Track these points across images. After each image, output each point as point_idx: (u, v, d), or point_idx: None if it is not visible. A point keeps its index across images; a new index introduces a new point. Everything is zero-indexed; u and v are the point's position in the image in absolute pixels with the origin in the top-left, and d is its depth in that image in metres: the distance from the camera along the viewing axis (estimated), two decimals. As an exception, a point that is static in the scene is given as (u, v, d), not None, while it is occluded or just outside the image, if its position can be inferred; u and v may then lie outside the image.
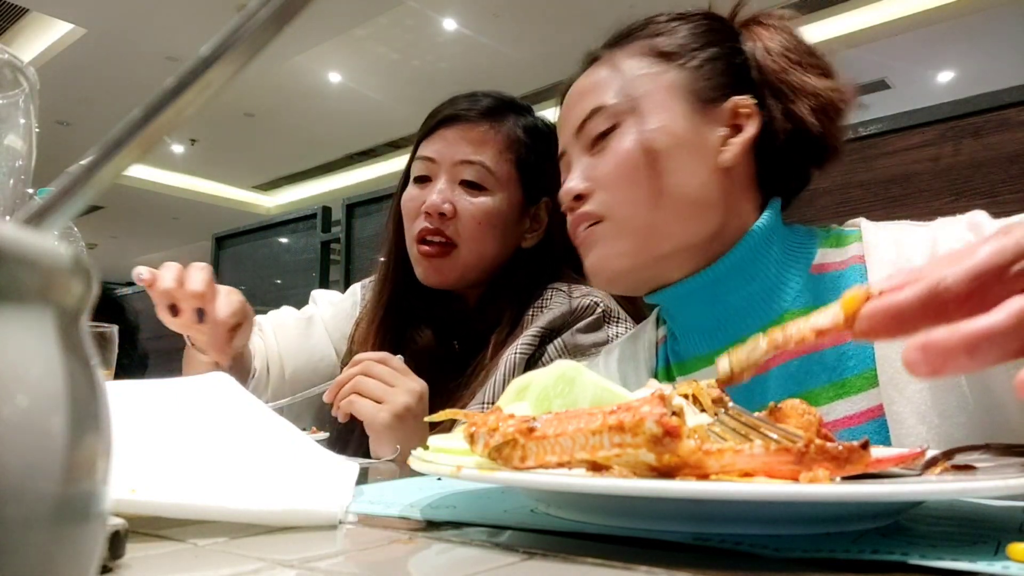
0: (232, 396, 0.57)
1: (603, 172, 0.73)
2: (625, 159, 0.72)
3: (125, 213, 9.27)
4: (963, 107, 1.23)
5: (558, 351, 0.99)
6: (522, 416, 0.38)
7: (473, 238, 1.04)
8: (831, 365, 0.66)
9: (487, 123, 1.06)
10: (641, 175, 0.71)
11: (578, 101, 0.76)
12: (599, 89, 0.75)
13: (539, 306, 1.04)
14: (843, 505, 0.35)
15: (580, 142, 0.76)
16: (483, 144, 1.05)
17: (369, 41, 5.95)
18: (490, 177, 1.05)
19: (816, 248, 0.73)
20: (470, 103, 1.08)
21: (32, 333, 0.14)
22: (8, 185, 0.48)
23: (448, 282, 1.06)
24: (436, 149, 1.07)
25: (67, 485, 0.14)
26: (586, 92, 0.76)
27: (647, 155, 0.71)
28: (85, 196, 0.16)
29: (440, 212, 1.03)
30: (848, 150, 1.32)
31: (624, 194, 0.72)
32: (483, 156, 1.05)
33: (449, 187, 1.05)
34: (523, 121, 1.10)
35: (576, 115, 0.76)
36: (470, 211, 1.04)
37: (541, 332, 0.99)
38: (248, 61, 0.17)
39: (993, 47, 5.77)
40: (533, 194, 1.09)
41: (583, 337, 1.00)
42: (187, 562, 0.34)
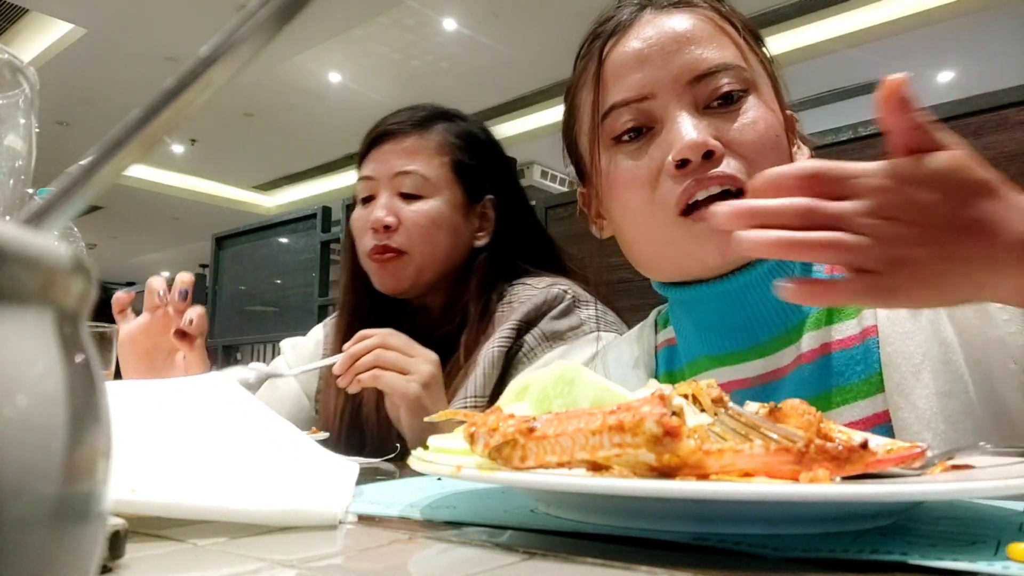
0: (232, 396, 0.57)
1: (742, 138, 0.65)
2: (766, 132, 0.66)
3: (125, 213, 9.27)
4: (963, 107, 1.23)
5: (537, 340, 1.02)
6: (522, 416, 0.38)
7: (421, 242, 1.08)
8: (838, 370, 0.66)
9: (416, 133, 1.11)
10: (778, 155, 0.67)
11: (687, 46, 0.67)
12: (718, 43, 0.68)
13: (508, 302, 1.07)
14: (843, 505, 0.35)
15: (691, 94, 0.66)
16: (415, 153, 1.10)
17: (369, 41, 5.95)
18: (427, 184, 1.09)
19: None
20: (401, 116, 1.13)
21: (32, 333, 0.14)
22: (8, 185, 0.48)
23: (404, 287, 1.09)
24: (373, 167, 1.12)
25: (67, 485, 0.14)
26: (698, 40, 0.68)
27: (778, 137, 0.67)
28: (85, 196, 0.16)
29: (385, 225, 1.07)
30: (848, 150, 1.32)
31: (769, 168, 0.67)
32: (416, 164, 1.09)
33: (390, 200, 1.09)
34: (454, 127, 1.14)
35: (690, 62, 0.67)
36: (413, 219, 1.08)
37: (518, 325, 1.02)
38: (248, 61, 0.17)
39: (993, 47, 5.77)
40: (475, 193, 1.13)
41: (558, 323, 1.03)
42: (187, 562, 0.34)
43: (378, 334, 0.91)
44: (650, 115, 0.68)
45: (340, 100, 6.88)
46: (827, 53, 5.82)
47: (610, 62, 0.70)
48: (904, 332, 0.63)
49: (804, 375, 0.67)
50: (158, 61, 6.02)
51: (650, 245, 0.70)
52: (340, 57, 6.24)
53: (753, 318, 0.69)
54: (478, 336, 1.05)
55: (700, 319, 0.73)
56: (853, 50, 5.78)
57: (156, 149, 2.31)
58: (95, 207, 8.81)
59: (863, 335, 0.66)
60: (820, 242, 0.43)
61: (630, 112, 0.68)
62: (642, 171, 0.67)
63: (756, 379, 0.70)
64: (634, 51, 0.69)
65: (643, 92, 0.67)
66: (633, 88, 0.68)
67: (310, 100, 6.91)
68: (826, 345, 0.67)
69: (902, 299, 0.45)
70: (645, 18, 0.70)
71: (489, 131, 1.21)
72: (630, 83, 0.68)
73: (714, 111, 0.66)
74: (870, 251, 0.43)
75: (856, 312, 0.68)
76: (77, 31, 5.76)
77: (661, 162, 0.66)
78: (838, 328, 0.67)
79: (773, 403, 0.44)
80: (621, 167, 0.69)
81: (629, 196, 0.69)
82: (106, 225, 9.81)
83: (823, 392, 0.66)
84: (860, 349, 0.66)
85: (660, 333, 0.84)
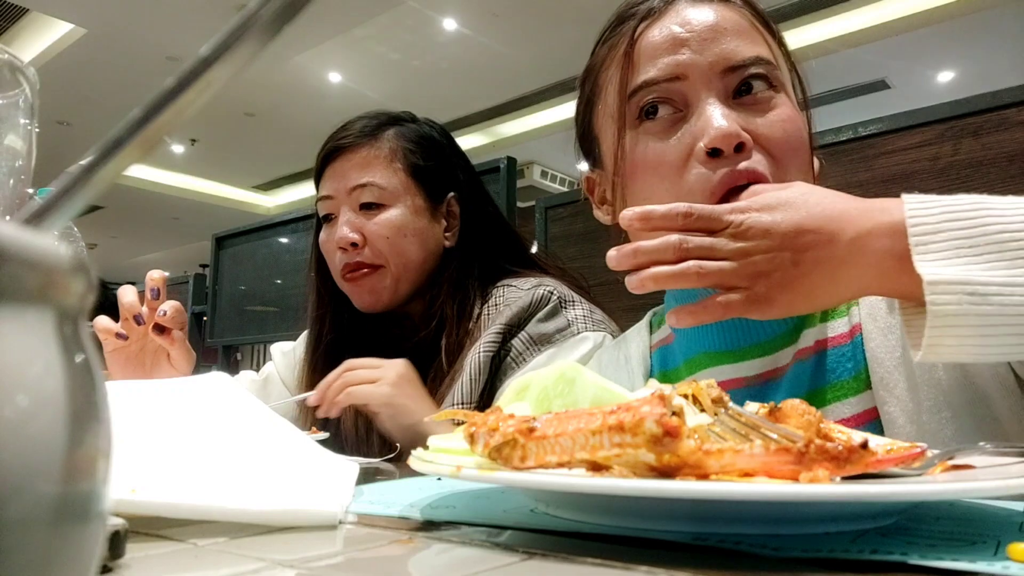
0: (232, 396, 0.57)
1: (771, 135, 0.65)
2: (794, 132, 0.66)
3: (125, 213, 9.27)
4: (962, 107, 1.23)
5: (524, 343, 1.01)
6: (522, 416, 0.38)
7: (391, 253, 1.07)
8: (831, 367, 0.66)
9: (367, 143, 1.09)
10: (802, 156, 0.66)
11: (722, 36, 0.67)
12: (752, 39, 0.68)
13: (493, 305, 1.06)
14: (843, 505, 0.35)
15: (723, 82, 0.66)
16: (368, 164, 1.08)
17: (369, 41, 5.95)
18: (384, 193, 1.07)
19: None
20: (347, 131, 1.12)
21: (32, 333, 0.14)
22: (8, 185, 0.48)
23: (385, 300, 1.08)
24: (329, 186, 1.11)
25: (67, 485, 0.14)
26: (733, 32, 0.67)
27: (804, 139, 0.67)
28: (85, 196, 0.16)
29: (351, 243, 1.06)
30: (848, 150, 1.33)
31: (794, 170, 0.65)
32: (371, 175, 1.08)
33: (352, 216, 1.08)
34: (404, 131, 1.12)
35: (726, 51, 0.66)
36: (377, 231, 1.07)
37: (503, 328, 1.01)
38: (248, 61, 0.17)
39: (993, 47, 5.77)
40: (436, 194, 1.12)
41: (545, 325, 1.02)
42: (187, 562, 0.34)
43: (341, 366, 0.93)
44: (681, 96, 0.67)
45: (340, 100, 6.88)
46: (827, 53, 5.82)
47: (642, 42, 0.70)
48: (885, 327, 0.64)
49: (800, 372, 0.68)
50: (158, 61, 6.02)
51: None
52: (340, 57, 6.24)
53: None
54: (460, 338, 1.04)
55: None
56: (853, 50, 5.78)
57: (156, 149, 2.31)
58: (95, 207, 8.81)
59: (851, 333, 0.67)
60: (689, 271, 0.51)
61: (660, 90, 0.67)
62: (671, 154, 0.66)
63: (755, 378, 0.70)
64: (670, 34, 0.68)
65: (675, 72, 0.66)
66: (666, 68, 0.67)
67: (310, 100, 6.91)
68: (821, 342, 0.68)
69: (778, 307, 0.52)
70: (680, 5, 0.70)
71: (443, 128, 1.19)
72: (663, 64, 0.67)
73: (744, 102, 0.66)
74: (734, 271, 0.51)
75: (846, 308, 0.68)
76: (77, 31, 5.76)
77: (691, 147, 0.65)
78: (832, 326, 0.68)
79: (773, 403, 0.45)
80: (649, 147, 0.68)
81: (655, 180, 0.67)
82: (106, 225, 9.81)
83: (818, 388, 0.66)
84: (849, 347, 0.67)
85: (655, 334, 0.84)
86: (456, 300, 1.07)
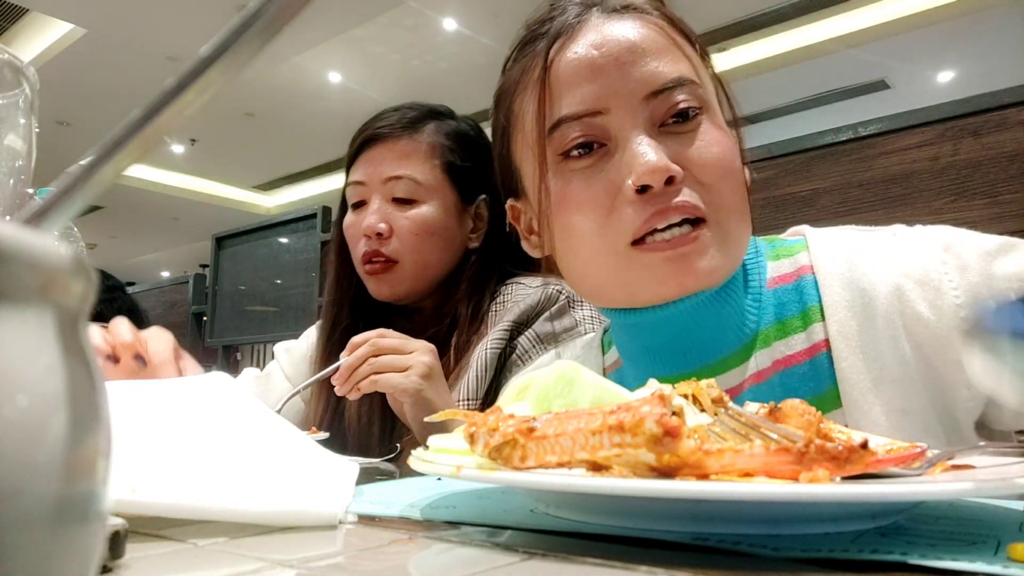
0: (232, 396, 0.57)
1: (701, 162, 0.61)
2: (723, 156, 0.62)
3: (125, 213, 9.27)
4: (962, 107, 1.23)
5: (531, 341, 1.01)
6: (522, 416, 0.38)
7: (414, 250, 1.06)
8: (792, 387, 0.64)
9: (407, 135, 1.08)
10: (734, 179, 0.63)
11: (642, 57, 0.63)
12: (672, 56, 0.64)
13: (502, 302, 1.06)
14: (843, 505, 0.35)
15: (647, 110, 0.62)
16: (407, 157, 1.07)
17: (369, 41, 5.95)
18: (419, 188, 1.07)
19: (765, 262, 0.70)
20: (387, 119, 1.10)
21: (32, 333, 0.14)
22: (8, 185, 0.48)
23: (399, 294, 1.08)
24: (363, 172, 1.09)
25: (67, 485, 0.14)
26: (652, 52, 0.63)
27: (735, 161, 0.64)
28: (85, 196, 0.16)
29: (377, 232, 1.05)
30: (848, 150, 1.33)
31: (728, 196, 0.62)
32: (409, 169, 1.06)
33: (382, 206, 1.07)
34: (444, 127, 1.12)
35: (647, 75, 0.62)
36: (406, 226, 1.06)
37: (511, 326, 1.01)
38: (248, 61, 0.17)
39: (993, 47, 5.77)
40: (468, 195, 1.11)
41: (552, 324, 1.02)
42: (187, 562, 0.34)
43: (369, 340, 0.89)
44: (603, 131, 0.63)
45: (340, 100, 6.88)
46: (827, 53, 5.82)
47: (557, 68, 0.65)
48: (857, 347, 0.61)
49: (758, 395, 0.65)
50: (158, 61, 6.02)
51: (600, 271, 0.65)
52: (340, 57, 6.24)
53: (703, 340, 0.66)
54: (469, 337, 1.04)
55: (648, 343, 0.69)
56: (853, 50, 5.79)
57: (156, 149, 2.30)
58: (95, 207, 8.82)
59: (812, 350, 0.64)
60: None
61: (581, 126, 0.63)
62: (597, 193, 0.63)
63: None
64: (586, 59, 0.63)
65: (596, 106, 0.63)
66: (585, 101, 0.63)
67: (310, 100, 6.91)
68: (777, 362, 0.65)
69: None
70: (593, 21, 0.65)
71: (480, 128, 1.18)
72: (582, 95, 0.63)
73: (670, 129, 0.63)
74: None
75: (804, 325, 0.65)
76: (77, 31, 5.76)
77: (618, 185, 0.62)
78: (787, 343, 0.65)
79: (773, 403, 0.45)
80: (573, 187, 0.64)
81: (580, 219, 0.64)
82: (106, 225, 9.81)
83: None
84: (807, 365, 0.64)
85: (607, 355, 0.80)
86: (472, 300, 1.07)
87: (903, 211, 1.24)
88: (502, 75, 0.75)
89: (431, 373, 0.89)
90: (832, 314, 0.63)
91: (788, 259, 0.70)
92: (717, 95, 0.68)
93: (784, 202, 1.49)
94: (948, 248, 0.62)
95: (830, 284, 0.64)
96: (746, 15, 5.63)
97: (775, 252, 0.71)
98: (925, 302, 0.60)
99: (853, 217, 1.28)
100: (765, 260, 0.70)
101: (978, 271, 0.60)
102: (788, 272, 0.69)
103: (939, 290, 0.60)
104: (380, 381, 0.88)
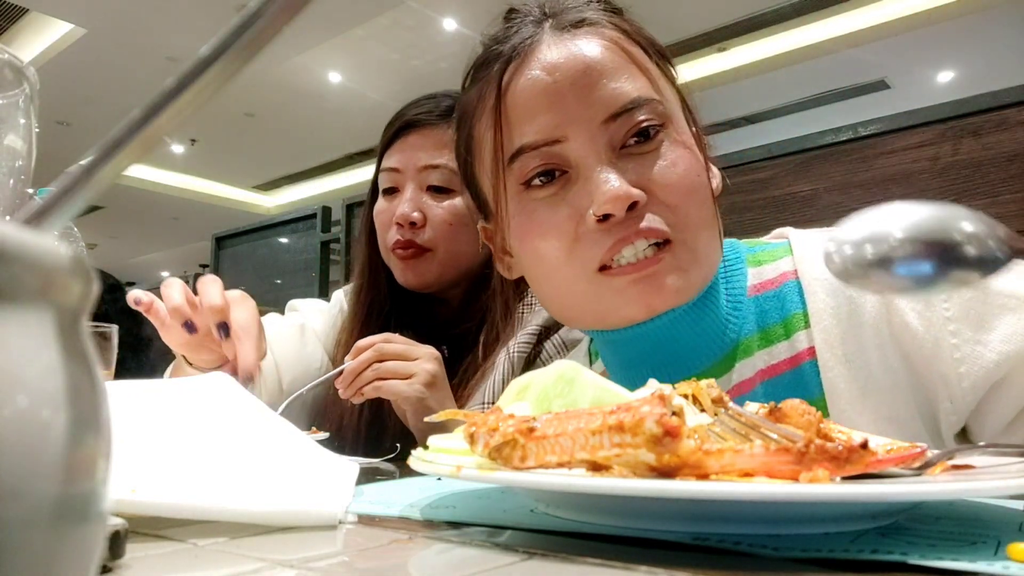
0: (232, 396, 0.57)
1: (665, 182, 0.61)
2: (687, 173, 0.61)
3: (125, 213, 9.27)
4: (962, 107, 1.23)
5: (556, 347, 1.00)
6: (522, 416, 0.38)
7: (447, 240, 1.05)
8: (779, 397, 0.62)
9: (446, 124, 1.05)
10: (699, 195, 0.62)
11: (598, 79, 0.61)
12: (629, 73, 0.62)
13: (529, 303, 1.05)
14: (843, 505, 0.35)
15: (606, 134, 0.61)
16: (445, 146, 1.05)
17: (369, 41, 5.95)
18: (456, 178, 1.03)
19: (746, 269, 0.69)
20: (426, 106, 1.08)
21: (32, 333, 0.14)
22: (8, 185, 0.48)
23: (427, 282, 1.07)
24: (399, 158, 1.07)
25: (67, 485, 0.14)
26: (609, 72, 0.62)
27: (699, 176, 0.62)
28: (85, 196, 0.16)
29: (411, 221, 1.04)
30: (848, 150, 1.33)
31: (694, 214, 0.61)
32: (446, 158, 1.04)
33: (417, 195, 1.06)
34: None
35: (604, 99, 0.61)
36: (440, 216, 1.05)
37: (538, 330, 1.00)
38: (248, 61, 0.17)
39: (993, 47, 5.77)
40: None
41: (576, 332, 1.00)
42: (187, 562, 0.34)
43: (374, 345, 0.89)
44: (563, 159, 0.62)
45: (340, 100, 6.88)
46: (827, 53, 5.82)
47: (513, 95, 0.64)
48: (843, 355, 0.61)
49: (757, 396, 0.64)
50: (158, 61, 6.02)
51: (568, 297, 0.65)
52: (340, 57, 6.24)
53: (682, 353, 0.66)
54: (499, 335, 1.03)
55: (625, 358, 0.69)
56: (853, 50, 5.79)
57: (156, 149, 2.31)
58: (95, 207, 8.82)
59: (795, 360, 0.64)
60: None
61: (540, 156, 0.63)
62: (561, 222, 0.62)
63: None
64: (541, 85, 0.62)
65: (554, 135, 0.62)
66: (543, 130, 0.62)
67: (310, 100, 6.91)
68: (762, 372, 0.65)
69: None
70: (546, 40, 0.64)
71: None
72: (539, 125, 0.62)
73: (631, 151, 0.62)
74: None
75: (787, 334, 0.65)
76: (77, 31, 5.76)
77: (581, 213, 0.61)
78: (771, 352, 0.65)
79: (773, 403, 0.45)
80: (538, 215, 0.64)
81: (546, 247, 0.63)
82: (106, 225, 9.81)
83: None
84: (791, 375, 0.63)
85: (594, 365, 0.80)
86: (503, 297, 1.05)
87: (903, 211, 1.23)
88: (461, 94, 0.74)
89: (434, 381, 0.89)
90: (817, 322, 0.62)
91: (770, 264, 0.69)
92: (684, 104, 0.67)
93: (784, 202, 1.49)
94: None
95: (815, 290, 0.63)
96: (746, 15, 5.63)
97: (756, 257, 0.70)
98: (914, 312, 0.60)
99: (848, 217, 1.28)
100: (746, 267, 0.69)
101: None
102: (770, 279, 0.68)
103: (929, 302, 0.59)
104: (383, 387, 0.87)
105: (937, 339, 0.58)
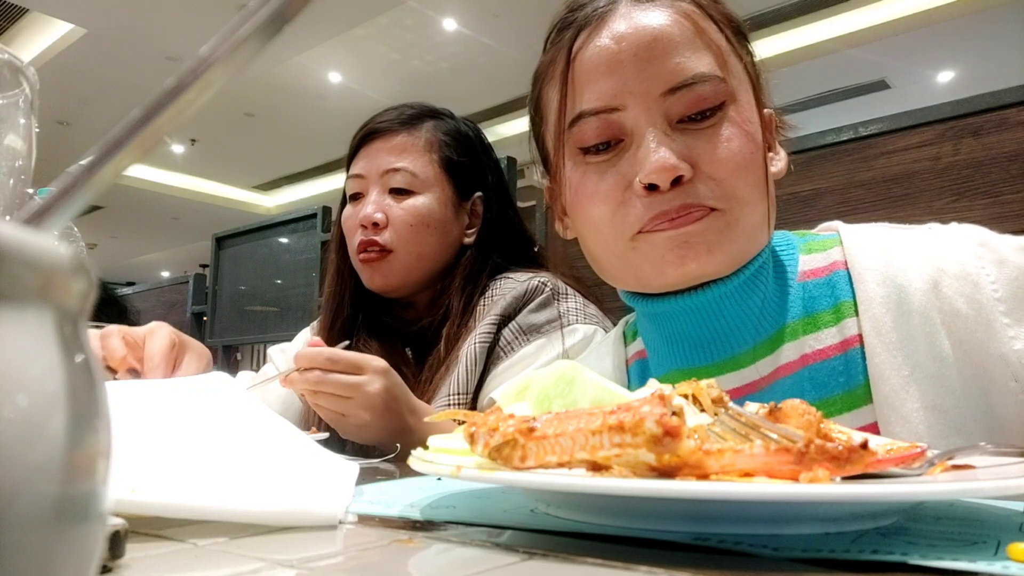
0: (232, 396, 0.57)
1: (716, 158, 0.62)
2: (741, 151, 0.62)
3: (125, 213, 9.28)
4: (963, 107, 1.23)
5: (514, 333, 1.02)
6: (522, 416, 0.38)
7: (409, 240, 1.08)
8: (820, 381, 0.64)
9: (405, 130, 1.11)
10: (751, 173, 0.63)
11: (662, 51, 0.62)
12: (695, 48, 0.63)
13: (490, 296, 1.07)
14: (843, 505, 0.35)
15: (663, 106, 0.62)
16: (404, 150, 1.10)
17: (369, 41, 5.95)
18: (416, 180, 1.09)
19: (797, 255, 0.70)
20: (389, 115, 1.14)
21: (32, 333, 0.14)
22: (8, 185, 0.48)
23: (393, 285, 1.09)
24: (363, 165, 1.12)
25: (67, 485, 0.14)
26: (675, 45, 0.63)
27: (753, 155, 0.63)
28: (85, 196, 0.16)
29: (373, 222, 1.07)
30: (848, 150, 1.33)
31: (742, 189, 0.62)
32: (406, 161, 1.09)
33: (380, 197, 1.09)
34: (442, 125, 1.14)
35: (665, 72, 0.62)
36: (401, 216, 1.08)
37: (497, 319, 1.02)
38: (248, 61, 0.17)
39: (993, 47, 5.77)
40: (464, 190, 1.14)
41: (535, 316, 1.03)
42: (187, 562, 0.34)
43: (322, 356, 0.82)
44: (620, 127, 0.64)
45: (340, 100, 6.88)
46: (827, 53, 5.82)
47: (580, 62, 0.66)
48: (891, 343, 0.61)
49: (784, 388, 0.65)
50: (158, 61, 6.02)
51: (611, 257, 0.67)
52: (340, 57, 6.25)
53: (727, 331, 0.66)
54: (459, 329, 1.05)
55: (670, 332, 0.70)
56: (853, 50, 5.79)
57: (156, 149, 2.31)
58: (95, 207, 8.82)
59: (844, 345, 0.64)
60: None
61: (598, 122, 0.64)
62: (609, 187, 0.64)
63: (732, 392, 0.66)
64: (607, 54, 0.64)
65: (613, 103, 0.63)
66: (603, 97, 0.64)
67: (310, 100, 6.91)
68: (806, 356, 0.65)
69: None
70: (620, 10, 0.65)
71: (478, 129, 1.21)
72: (600, 91, 0.64)
73: (687, 126, 0.63)
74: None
75: (835, 320, 0.65)
76: (77, 31, 5.76)
77: (629, 180, 0.63)
78: (817, 337, 0.65)
79: (773, 403, 0.44)
80: (589, 180, 0.66)
81: (593, 210, 0.66)
82: (106, 225, 9.81)
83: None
84: (841, 360, 0.64)
85: (630, 346, 0.81)
86: (464, 294, 1.08)
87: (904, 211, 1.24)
88: (543, 53, 0.75)
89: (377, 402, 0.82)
90: (866, 310, 0.63)
91: (820, 253, 0.70)
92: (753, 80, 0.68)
93: (784, 202, 1.48)
94: (984, 244, 0.62)
95: (865, 280, 0.64)
96: (746, 15, 5.63)
97: (807, 246, 0.71)
98: (963, 297, 0.60)
99: (854, 217, 1.28)
100: (798, 253, 0.71)
101: (1015, 265, 0.60)
102: (820, 266, 0.69)
103: (977, 284, 0.60)
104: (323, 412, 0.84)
105: (990, 320, 0.59)
